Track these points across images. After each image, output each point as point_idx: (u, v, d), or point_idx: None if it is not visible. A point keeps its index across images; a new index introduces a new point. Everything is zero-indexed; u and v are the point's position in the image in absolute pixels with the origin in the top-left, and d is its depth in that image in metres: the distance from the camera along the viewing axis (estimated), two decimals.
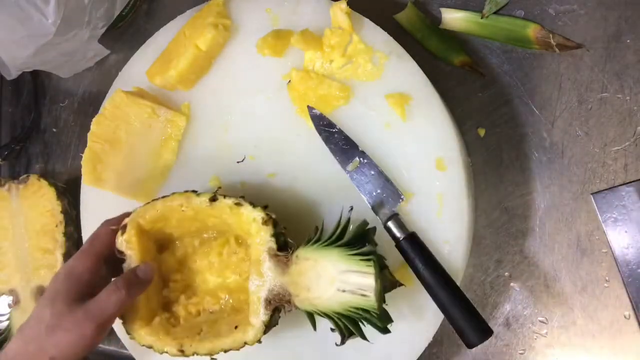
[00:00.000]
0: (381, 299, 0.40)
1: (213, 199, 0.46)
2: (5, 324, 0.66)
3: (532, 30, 0.52)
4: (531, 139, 0.53)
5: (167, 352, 0.45)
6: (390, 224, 0.47)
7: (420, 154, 0.49)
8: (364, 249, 0.40)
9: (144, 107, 0.55)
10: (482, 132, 0.54)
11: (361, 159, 0.49)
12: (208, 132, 0.56)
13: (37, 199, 0.65)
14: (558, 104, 0.52)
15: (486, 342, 0.44)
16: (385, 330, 0.41)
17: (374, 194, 0.48)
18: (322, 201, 0.51)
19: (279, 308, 0.43)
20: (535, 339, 0.51)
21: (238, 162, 0.54)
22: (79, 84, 0.71)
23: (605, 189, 0.50)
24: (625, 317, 0.49)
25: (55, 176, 0.71)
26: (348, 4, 0.50)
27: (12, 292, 0.65)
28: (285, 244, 0.45)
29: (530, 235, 0.52)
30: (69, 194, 0.67)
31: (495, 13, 0.54)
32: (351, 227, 0.43)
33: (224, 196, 0.46)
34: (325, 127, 0.51)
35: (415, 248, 0.45)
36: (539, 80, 0.53)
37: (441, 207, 0.48)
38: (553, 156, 0.52)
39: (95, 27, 0.62)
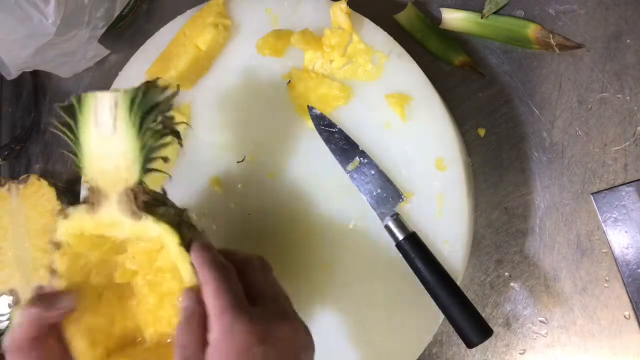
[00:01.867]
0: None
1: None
2: (5, 324, 0.66)
3: (532, 30, 0.52)
4: (531, 139, 0.53)
5: None
6: (390, 223, 0.47)
7: (420, 154, 0.49)
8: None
9: None
10: (482, 132, 0.54)
11: (361, 158, 0.49)
12: (208, 132, 0.56)
13: (37, 199, 0.65)
14: (558, 104, 0.52)
15: (486, 342, 0.44)
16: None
17: (374, 193, 0.48)
18: (322, 201, 0.51)
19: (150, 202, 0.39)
20: (535, 339, 0.51)
21: (238, 162, 0.54)
22: (79, 84, 0.71)
23: (605, 189, 0.50)
24: (625, 317, 0.49)
25: (55, 176, 0.71)
26: (348, 4, 0.50)
27: (12, 292, 0.65)
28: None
29: (530, 235, 0.52)
30: (69, 194, 0.67)
31: (495, 13, 0.54)
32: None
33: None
34: (325, 127, 0.51)
35: (415, 248, 0.46)
36: (539, 80, 0.53)
37: (441, 207, 0.48)
38: (553, 156, 0.52)
39: (95, 27, 0.62)
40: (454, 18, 0.55)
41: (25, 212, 0.65)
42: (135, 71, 0.58)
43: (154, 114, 0.38)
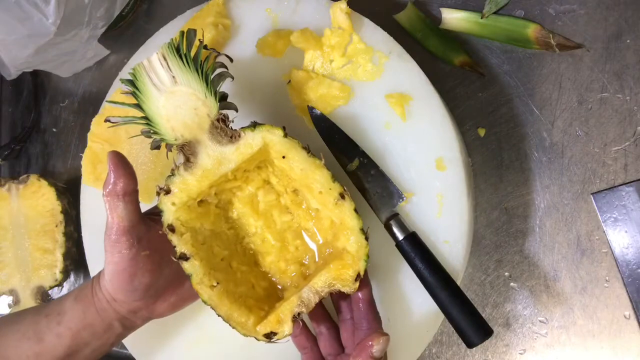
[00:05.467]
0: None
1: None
2: None
3: (532, 30, 0.52)
4: (531, 139, 0.53)
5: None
6: (390, 223, 0.47)
7: (420, 153, 0.49)
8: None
9: None
10: (482, 132, 0.54)
11: (361, 158, 0.49)
12: None
13: (37, 199, 0.65)
14: (558, 104, 0.52)
15: (486, 342, 0.44)
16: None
17: (374, 193, 0.48)
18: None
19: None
20: (535, 339, 0.51)
21: None
22: (79, 84, 0.71)
23: (605, 189, 0.50)
24: (625, 317, 0.49)
25: (55, 176, 0.71)
26: (348, 4, 0.50)
27: (12, 292, 0.65)
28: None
29: (530, 235, 0.52)
30: (69, 194, 0.67)
31: (495, 13, 0.54)
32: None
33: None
34: (326, 127, 0.51)
35: (415, 248, 0.46)
36: (539, 80, 0.53)
37: (441, 207, 0.48)
38: (553, 156, 0.52)
39: (95, 27, 0.62)
40: (454, 18, 0.55)
41: (25, 212, 0.65)
42: None
43: (198, 52, 0.41)
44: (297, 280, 0.45)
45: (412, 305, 0.47)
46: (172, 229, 0.41)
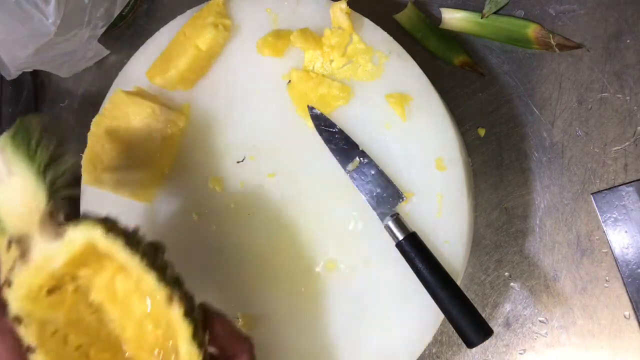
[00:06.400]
0: None
1: None
2: None
3: (532, 30, 0.52)
4: (531, 139, 0.53)
5: None
6: (390, 223, 0.47)
7: (420, 154, 0.49)
8: None
9: (144, 107, 0.55)
10: (482, 132, 0.54)
11: (361, 158, 0.49)
12: (208, 132, 0.56)
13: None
14: (558, 104, 0.52)
15: (486, 342, 0.44)
16: None
17: (374, 193, 0.48)
18: (322, 201, 0.51)
19: None
20: (535, 339, 0.51)
21: (238, 162, 0.54)
22: (79, 84, 0.71)
23: (605, 189, 0.50)
24: (625, 317, 0.49)
25: None
26: (348, 4, 0.50)
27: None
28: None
29: (530, 235, 0.52)
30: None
31: (495, 13, 0.54)
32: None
33: None
34: (326, 127, 0.51)
35: (415, 248, 0.46)
36: (539, 80, 0.53)
37: (441, 207, 0.48)
38: (553, 156, 0.52)
39: (95, 27, 0.62)
40: (454, 18, 0.55)
41: None
42: (135, 71, 0.58)
43: (34, 139, 0.40)
44: None
45: (412, 305, 0.47)
46: (18, 320, 0.39)
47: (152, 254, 0.40)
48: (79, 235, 0.39)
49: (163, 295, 0.39)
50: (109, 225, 0.39)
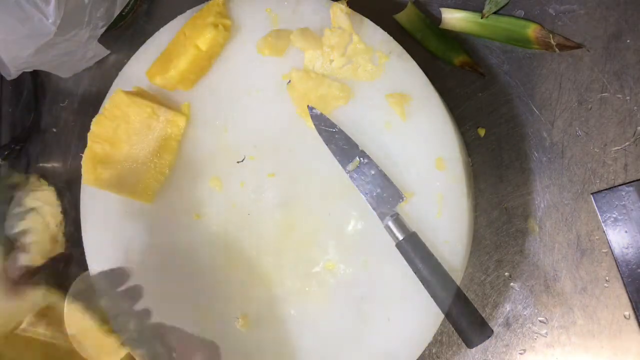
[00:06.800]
0: None
1: None
2: None
3: (532, 30, 0.52)
4: (531, 139, 0.53)
5: None
6: (390, 223, 0.47)
7: (420, 153, 0.49)
8: None
9: (144, 107, 0.55)
10: (482, 132, 0.54)
11: (361, 158, 0.49)
12: (208, 132, 0.56)
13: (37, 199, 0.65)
14: (558, 104, 0.52)
15: (486, 342, 0.44)
16: None
17: (374, 193, 0.48)
18: (322, 201, 0.51)
19: None
20: (535, 339, 0.51)
21: (238, 162, 0.54)
22: (79, 84, 0.71)
23: (605, 189, 0.50)
24: (625, 317, 0.49)
25: (55, 176, 0.71)
26: (348, 4, 0.50)
27: None
28: None
29: (530, 235, 0.52)
30: (69, 194, 0.67)
31: (495, 13, 0.54)
32: None
33: None
34: (326, 127, 0.51)
35: (415, 248, 0.46)
36: (539, 80, 0.53)
37: (441, 207, 0.48)
38: (553, 156, 0.52)
39: (95, 27, 0.62)
40: (454, 18, 0.55)
41: None
42: (135, 71, 0.58)
43: None
44: None
45: (412, 305, 0.47)
46: None
47: None
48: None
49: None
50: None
